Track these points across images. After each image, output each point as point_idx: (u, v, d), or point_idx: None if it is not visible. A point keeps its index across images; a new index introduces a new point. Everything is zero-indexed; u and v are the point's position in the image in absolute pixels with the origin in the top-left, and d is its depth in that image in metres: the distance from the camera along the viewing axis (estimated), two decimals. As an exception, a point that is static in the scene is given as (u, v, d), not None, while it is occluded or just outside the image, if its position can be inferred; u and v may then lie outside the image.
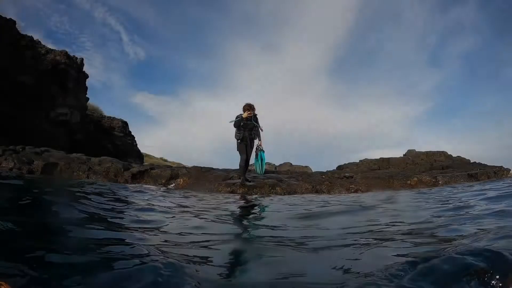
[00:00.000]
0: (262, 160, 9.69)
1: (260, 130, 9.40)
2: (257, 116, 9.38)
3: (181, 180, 9.53)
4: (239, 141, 9.15)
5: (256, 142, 9.38)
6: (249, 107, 9.10)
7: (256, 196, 8.02)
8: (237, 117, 9.14)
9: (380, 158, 21.00)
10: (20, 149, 10.00)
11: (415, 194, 8.03)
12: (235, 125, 9.12)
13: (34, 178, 7.80)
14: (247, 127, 9.18)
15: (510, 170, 16.30)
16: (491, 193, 5.84)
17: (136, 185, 8.66)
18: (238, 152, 9.29)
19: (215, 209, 5.09)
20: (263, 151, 9.63)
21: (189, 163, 39.44)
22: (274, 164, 38.29)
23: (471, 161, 19.53)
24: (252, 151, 9.42)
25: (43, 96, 19.79)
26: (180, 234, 2.97)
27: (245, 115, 8.91)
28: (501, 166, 17.34)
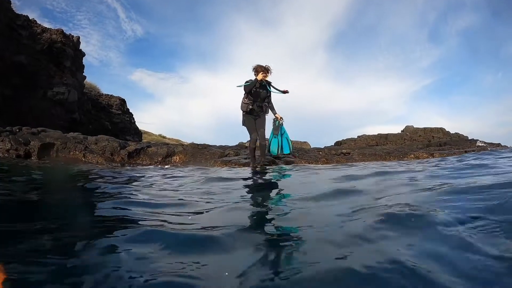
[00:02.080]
0: (285, 133, 8.23)
1: (281, 93, 7.66)
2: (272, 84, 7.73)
3: (177, 157, 9.60)
4: (245, 113, 7.66)
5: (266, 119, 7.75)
6: (264, 69, 7.41)
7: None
8: (247, 81, 7.57)
9: (378, 134, 20.97)
10: (17, 130, 10.02)
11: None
12: (246, 89, 7.51)
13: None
14: (258, 96, 7.58)
15: (508, 147, 16.32)
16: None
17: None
18: (245, 128, 7.75)
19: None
20: (283, 125, 8.04)
21: (187, 140, 39.66)
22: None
23: (469, 138, 19.60)
24: (264, 127, 7.75)
25: (39, 75, 19.67)
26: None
27: (259, 76, 7.33)
28: (499, 143, 17.41)
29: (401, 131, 22.17)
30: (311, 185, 4.58)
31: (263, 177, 5.56)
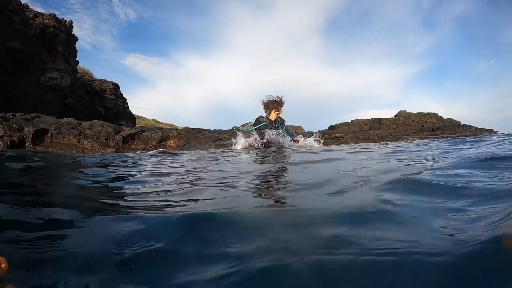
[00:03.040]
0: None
1: (292, 141, 6.55)
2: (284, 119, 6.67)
3: (172, 142, 9.67)
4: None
5: None
6: (276, 105, 6.35)
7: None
8: (257, 120, 6.46)
9: (372, 118, 21.10)
10: (11, 116, 9.97)
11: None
12: (261, 136, 6.38)
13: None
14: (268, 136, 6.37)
15: (504, 134, 16.48)
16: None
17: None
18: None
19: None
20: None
21: (181, 124, 39.64)
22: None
23: (461, 123, 19.77)
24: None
25: (32, 61, 19.45)
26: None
27: (273, 116, 6.33)
28: (491, 129, 17.57)
29: (395, 116, 22.28)
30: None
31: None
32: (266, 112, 6.58)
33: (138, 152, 8.39)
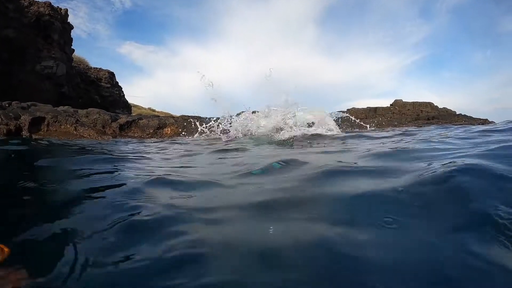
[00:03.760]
0: None
1: None
2: None
3: (169, 129, 9.72)
4: None
5: None
6: None
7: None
8: None
9: (367, 107, 21.05)
10: (7, 105, 9.95)
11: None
12: None
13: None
14: None
15: (494, 123, 16.56)
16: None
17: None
18: None
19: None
20: None
21: (177, 113, 39.39)
22: (263, 115, 38.32)
23: (457, 113, 19.81)
24: None
25: (27, 49, 19.32)
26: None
27: None
28: (486, 119, 17.64)
29: (390, 105, 22.27)
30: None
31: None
32: None
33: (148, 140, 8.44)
